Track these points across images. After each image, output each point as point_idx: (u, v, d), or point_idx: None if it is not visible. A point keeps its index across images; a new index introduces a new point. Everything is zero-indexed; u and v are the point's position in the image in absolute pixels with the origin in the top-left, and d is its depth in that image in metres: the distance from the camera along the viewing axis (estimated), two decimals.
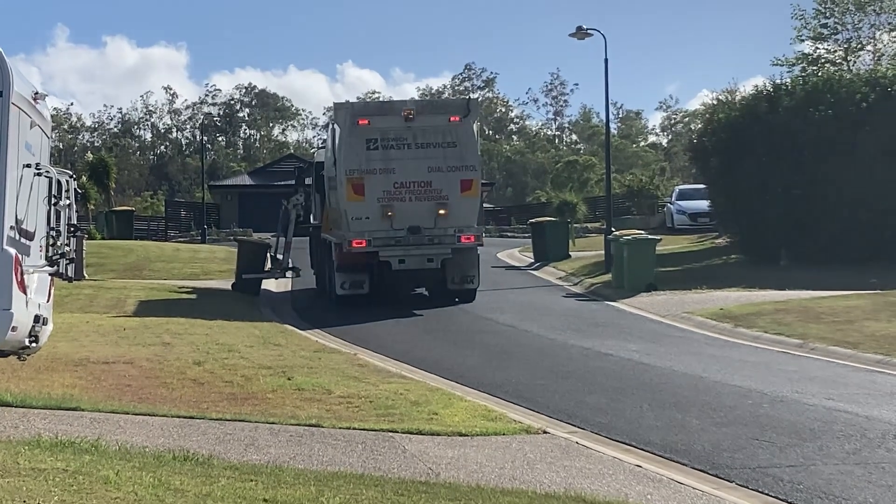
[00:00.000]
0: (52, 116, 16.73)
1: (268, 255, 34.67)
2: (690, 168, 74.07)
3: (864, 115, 35.00)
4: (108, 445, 10.70)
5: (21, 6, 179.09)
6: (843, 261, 33.20)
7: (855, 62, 57.34)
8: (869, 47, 58.72)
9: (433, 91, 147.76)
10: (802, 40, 59.20)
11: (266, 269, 34.36)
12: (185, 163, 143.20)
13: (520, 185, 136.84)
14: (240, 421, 13.16)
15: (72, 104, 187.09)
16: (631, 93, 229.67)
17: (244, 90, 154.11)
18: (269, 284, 36.90)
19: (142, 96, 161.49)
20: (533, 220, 48.54)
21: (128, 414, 13.17)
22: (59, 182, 14.68)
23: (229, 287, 34.72)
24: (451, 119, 29.60)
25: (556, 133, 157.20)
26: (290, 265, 34.74)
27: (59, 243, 14.69)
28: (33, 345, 14.23)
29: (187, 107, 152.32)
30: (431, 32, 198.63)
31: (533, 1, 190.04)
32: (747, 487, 11.23)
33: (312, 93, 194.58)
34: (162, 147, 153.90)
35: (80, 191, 17.25)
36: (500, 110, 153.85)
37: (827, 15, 57.94)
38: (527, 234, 54.29)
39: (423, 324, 26.97)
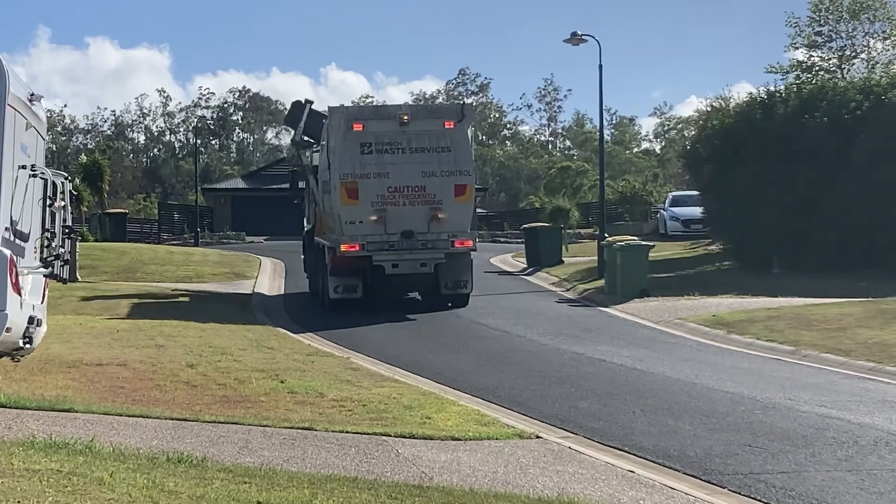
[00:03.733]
0: (46, 118, 16.72)
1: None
2: (684, 174, 74.15)
3: (859, 123, 35.08)
4: (102, 447, 10.71)
5: (1, 7, 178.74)
6: (836, 268, 33.23)
7: (849, 70, 57.35)
8: (863, 55, 58.72)
9: (427, 96, 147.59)
10: (797, 48, 59.24)
11: None
12: (179, 166, 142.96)
13: (513, 190, 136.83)
14: (233, 423, 13.17)
15: (65, 106, 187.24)
16: (624, 99, 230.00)
17: (238, 93, 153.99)
18: (262, 287, 36.89)
19: (136, 98, 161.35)
20: (526, 226, 48.55)
21: (121, 416, 13.17)
22: (54, 184, 14.69)
23: (224, 290, 34.83)
24: (446, 124, 29.58)
25: (550, 139, 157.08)
26: None
27: (53, 245, 14.70)
28: (27, 346, 14.23)
29: (181, 109, 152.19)
30: (416, 36, 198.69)
31: (526, 7, 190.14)
32: (740, 493, 11.26)
33: (296, 95, 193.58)
34: (155, 150, 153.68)
35: (74, 193, 17.25)
36: (494, 115, 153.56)
37: (821, 23, 57.96)
38: (520, 240, 54.32)
39: (417, 328, 26.98)
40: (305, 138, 34.80)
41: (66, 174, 15.69)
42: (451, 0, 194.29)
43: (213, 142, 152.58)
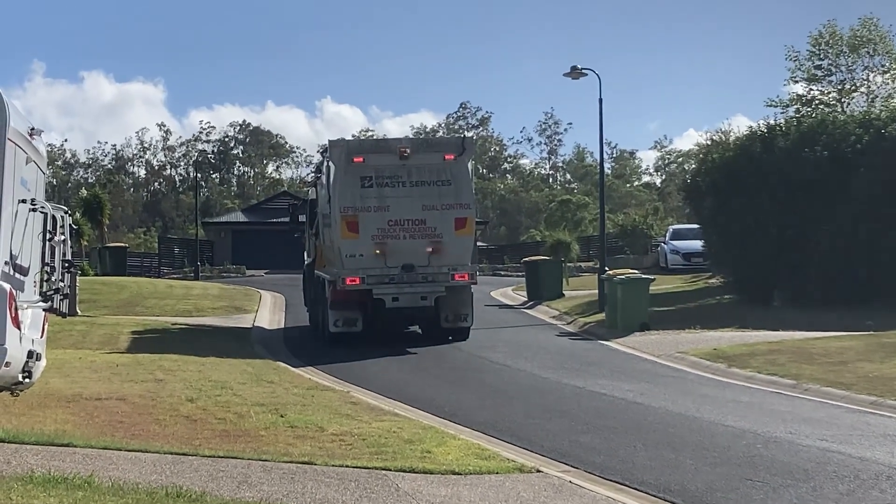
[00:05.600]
0: (46, 152, 16.74)
1: None
2: (684, 208, 74.24)
3: (858, 157, 35.08)
4: (101, 482, 10.67)
5: None
6: (837, 302, 33.20)
7: (849, 104, 57.52)
8: (863, 89, 58.89)
9: (427, 129, 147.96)
10: (796, 81, 59.43)
11: None
12: (179, 199, 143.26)
13: (513, 223, 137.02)
14: (232, 458, 13.12)
15: (66, 140, 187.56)
16: (625, 132, 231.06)
17: (238, 127, 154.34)
18: (262, 321, 36.81)
19: (137, 133, 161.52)
20: (527, 259, 48.54)
21: (120, 450, 13.12)
22: (53, 218, 14.69)
23: (224, 324, 34.88)
24: (446, 157, 29.60)
25: (550, 172, 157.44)
26: None
27: (53, 279, 14.68)
28: (26, 380, 14.20)
29: (181, 143, 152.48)
30: (412, 69, 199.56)
31: (527, 41, 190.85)
32: None
33: (291, 128, 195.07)
34: (156, 184, 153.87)
35: (74, 227, 17.26)
36: (495, 149, 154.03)
37: (821, 56, 58.18)
38: (520, 273, 54.31)
39: (417, 362, 26.93)
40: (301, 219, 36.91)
41: (65, 208, 15.70)
42: (449, 34, 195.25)
43: (214, 175, 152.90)
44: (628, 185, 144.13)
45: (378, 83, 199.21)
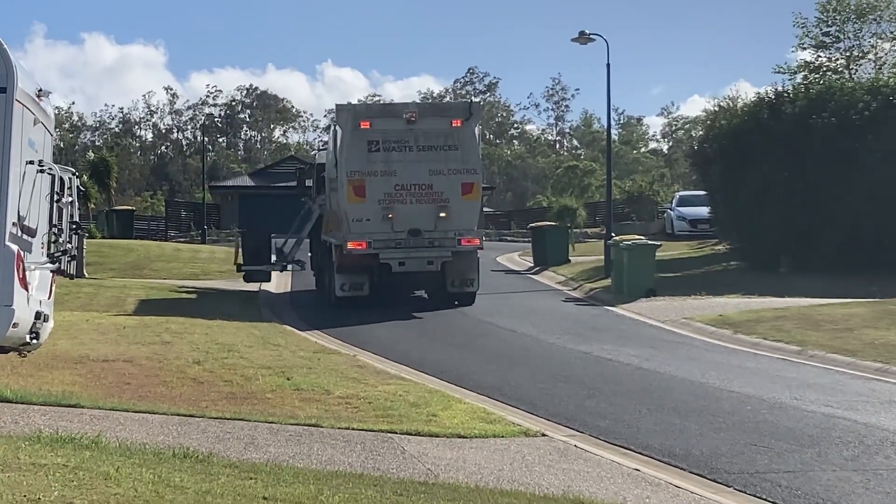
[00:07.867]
0: (54, 115, 16.73)
1: (272, 245, 34.86)
2: (691, 174, 74.20)
3: (866, 124, 34.97)
4: (109, 442, 10.72)
5: None
6: (843, 269, 33.17)
7: (857, 70, 57.41)
8: (870, 56, 58.78)
9: (435, 94, 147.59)
10: (804, 48, 59.32)
11: (272, 261, 34.64)
12: (186, 163, 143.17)
13: (520, 189, 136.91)
14: (239, 420, 13.17)
15: (73, 103, 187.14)
16: (632, 99, 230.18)
17: (245, 91, 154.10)
18: (269, 285, 36.89)
19: (143, 96, 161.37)
20: (533, 225, 48.53)
21: (128, 411, 13.18)
22: (61, 179, 14.71)
23: (230, 287, 34.89)
24: (453, 122, 29.56)
25: (557, 138, 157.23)
26: (296, 259, 34.83)
27: (60, 240, 14.71)
28: (34, 341, 14.24)
29: (189, 107, 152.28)
30: (414, 33, 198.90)
31: (533, 6, 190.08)
32: (745, 492, 11.25)
33: (293, 92, 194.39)
34: (163, 147, 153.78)
35: (81, 189, 17.26)
36: (502, 115, 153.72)
37: (829, 23, 58.01)
38: (527, 239, 54.34)
39: (423, 326, 26.97)
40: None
41: (73, 170, 15.71)
42: None
43: (221, 139, 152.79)
44: (635, 151, 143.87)
45: (378, 47, 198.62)
